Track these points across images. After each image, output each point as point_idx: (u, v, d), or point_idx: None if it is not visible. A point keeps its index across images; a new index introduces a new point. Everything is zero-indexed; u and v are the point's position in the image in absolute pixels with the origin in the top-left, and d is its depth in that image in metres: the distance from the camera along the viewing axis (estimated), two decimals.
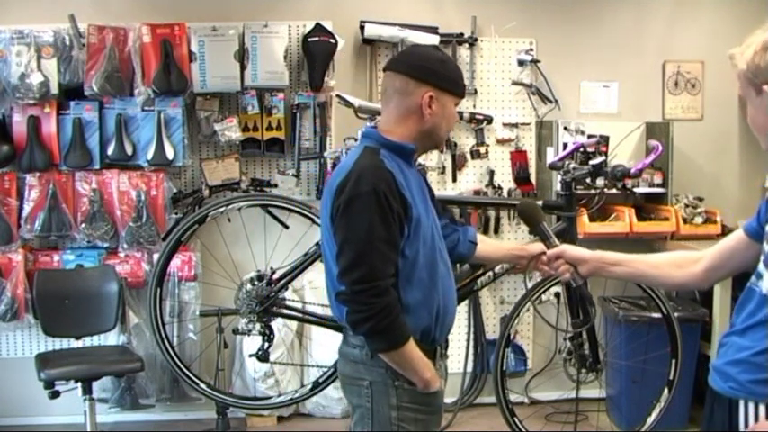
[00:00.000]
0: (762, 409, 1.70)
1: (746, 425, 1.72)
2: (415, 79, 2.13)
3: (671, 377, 3.82)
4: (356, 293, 2.01)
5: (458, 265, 3.36)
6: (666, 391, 3.84)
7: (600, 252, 2.21)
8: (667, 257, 2.19)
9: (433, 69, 2.15)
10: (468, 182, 4.73)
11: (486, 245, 2.58)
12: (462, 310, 4.67)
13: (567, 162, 3.59)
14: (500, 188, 4.71)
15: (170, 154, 4.21)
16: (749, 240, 1.89)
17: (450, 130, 2.30)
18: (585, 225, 4.30)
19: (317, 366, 4.02)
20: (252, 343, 3.74)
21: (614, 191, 3.83)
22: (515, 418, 3.77)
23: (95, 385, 3.82)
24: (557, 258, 2.23)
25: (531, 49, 4.72)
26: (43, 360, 3.78)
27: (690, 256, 2.09)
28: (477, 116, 4.63)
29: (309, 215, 3.57)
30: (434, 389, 2.16)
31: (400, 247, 2.06)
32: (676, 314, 3.91)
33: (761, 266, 1.77)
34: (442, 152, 4.61)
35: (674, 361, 3.82)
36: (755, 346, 1.72)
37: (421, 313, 2.12)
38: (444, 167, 4.67)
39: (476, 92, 4.65)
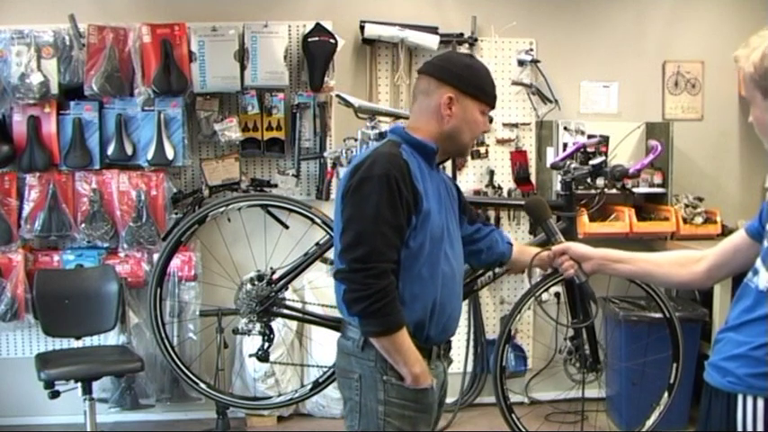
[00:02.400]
0: (761, 402, 1.71)
1: (745, 419, 1.72)
2: (436, 79, 2.17)
3: (671, 381, 3.80)
4: (354, 272, 2.01)
5: None
6: (666, 394, 3.82)
7: (604, 250, 2.23)
8: (671, 256, 2.21)
9: (456, 72, 2.17)
10: (469, 182, 4.73)
11: (516, 248, 2.57)
12: (462, 310, 4.66)
13: (567, 162, 3.58)
14: (500, 188, 4.71)
15: (170, 154, 4.21)
16: (751, 241, 1.90)
17: (474, 137, 2.28)
18: (585, 225, 4.30)
19: (317, 366, 4.02)
20: (252, 343, 3.74)
21: (614, 191, 3.84)
22: (515, 418, 3.77)
23: (95, 385, 3.82)
24: (561, 254, 2.24)
25: (531, 49, 4.72)
26: (43, 360, 3.78)
27: (692, 255, 2.10)
28: None
29: (309, 215, 3.56)
30: (424, 386, 2.13)
31: (405, 234, 2.06)
32: (676, 314, 3.90)
33: (758, 263, 1.78)
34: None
35: (675, 365, 3.79)
36: (753, 341, 1.73)
37: (414, 307, 2.10)
38: (444, 167, 4.65)
39: None
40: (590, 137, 4.41)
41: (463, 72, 2.18)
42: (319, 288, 4.26)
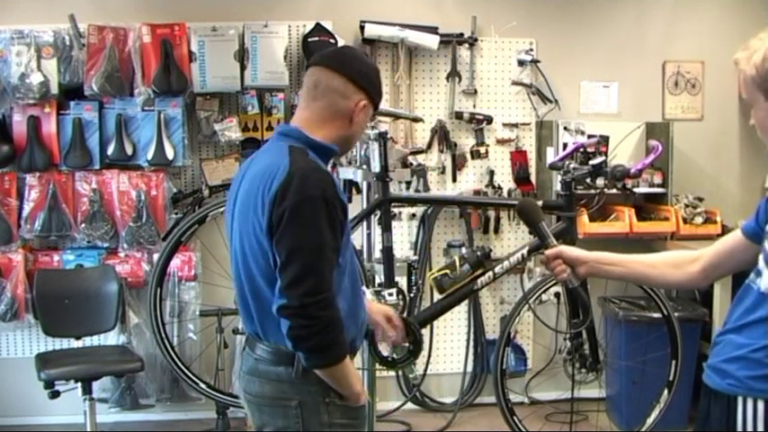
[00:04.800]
0: (761, 405, 1.70)
1: (745, 421, 1.72)
2: (354, 84, 2.05)
3: (671, 378, 3.82)
4: (305, 307, 1.87)
5: (458, 265, 3.36)
6: (666, 392, 3.83)
7: (597, 253, 2.20)
8: (664, 257, 2.20)
9: (372, 79, 2.10)
10: (469, 182, 4.72)
11: None
12: (462, 310, 4.67)
13: (567, 162, 3.58)
14: (500, 188, 4.71)
15: (170, 154, 4.21)
16: (747, 241, 1.89)
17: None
18: (585, 225, 4.30)
19: None
20: None
21: (614, 191, 3.83)
22: (515, 418, 3.77)
23: (95, 385, 3.81)
24: (554, 258, 2.22)
25: (531, 49, 4.72)
26: (43, 360, 3.78)
27: (687, 255, 2.09)
28: (477, 116, 4.63)
29: None
30: (363, 401, 2.08)
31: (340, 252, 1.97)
32: (676, 314, 3.91)
33: (761, 264, 1.77)
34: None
35: (674, 362, 3.81)
36: (754, 343, 1.73)
37: (348, 324, 1.99)
38: (444, 167, 4.67)
39: (476, 92, 4.65)
40: (590, 137, 4.41)
41: (375, 79, 2.12)
42: None
